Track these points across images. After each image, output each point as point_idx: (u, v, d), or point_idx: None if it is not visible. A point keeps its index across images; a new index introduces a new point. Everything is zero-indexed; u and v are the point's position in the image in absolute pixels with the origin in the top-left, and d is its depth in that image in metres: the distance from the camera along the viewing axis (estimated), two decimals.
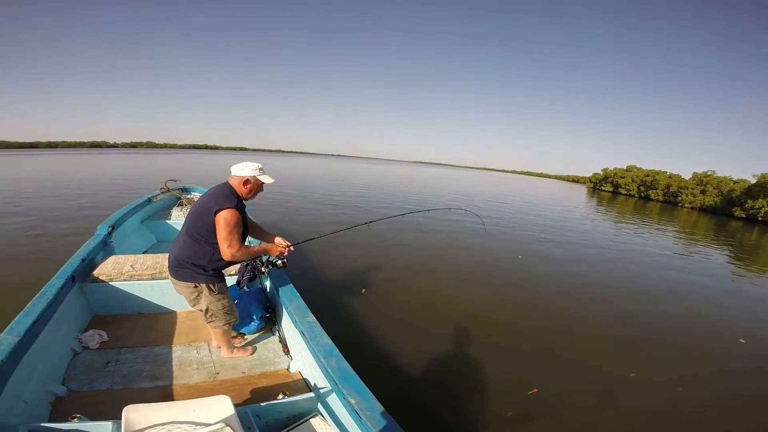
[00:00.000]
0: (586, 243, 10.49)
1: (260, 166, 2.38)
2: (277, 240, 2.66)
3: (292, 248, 2.66)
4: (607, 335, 4.58)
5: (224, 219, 2.17)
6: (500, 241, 9.59)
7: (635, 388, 3.47)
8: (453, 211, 14.90)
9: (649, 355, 4.17)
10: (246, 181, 2.33)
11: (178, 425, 1.50)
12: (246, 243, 2.48)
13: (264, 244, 2.59)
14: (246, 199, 2.42)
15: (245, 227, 2.41)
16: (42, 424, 1.58)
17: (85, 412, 1.79)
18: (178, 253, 2.31)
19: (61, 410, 1.92)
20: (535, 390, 3.22)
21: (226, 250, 2.19)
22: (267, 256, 2.70)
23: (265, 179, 2.40)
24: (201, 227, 2.24)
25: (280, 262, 2.67)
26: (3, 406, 1.65)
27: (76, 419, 1.67)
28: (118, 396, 2.09)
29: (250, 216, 2.66)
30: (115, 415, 1.53)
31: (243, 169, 2.33)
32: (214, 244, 2.24)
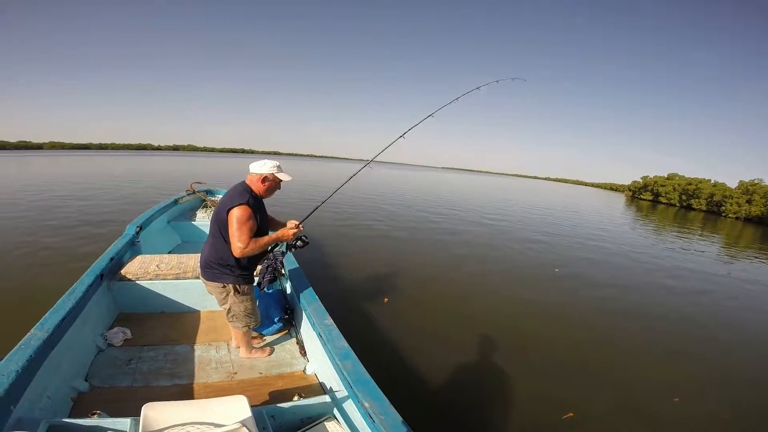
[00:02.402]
0: (628, 256, 9.81)
1: (278, 163, 2.38)
2: (288, 224, 2.58)
3: (302, 226, 2.59)
4: (649, 356, 4.26)
5: (235, 215, 2.18)
6: (535, 252, 9.18)
7: (679, 415, 3.22)
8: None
9: (693, 378, 3.88)
10: (264, 179, 2.34)
11: (196, 424, 1.50)
12: None
13: (275, 233, 2.51)
14: (264, 197, 2.42)
15: (262, 224, 2.40)
16: (63, 420, 1.61)
17: (105, 408, 1.82)
18: (206, 255, 2.37)
19: (82, 406, 1.97)
20: (571, 414, 2.99)
21: (236, 246, 2.20)
22: (284, 243, 2.63)
23: (283, 177, 2.41)
24: (220, 227, 2.28)
25: (299, 242, 2.60)
26: (28, 400, 1.69)
27: (96, 416, 1.70)
28: (138, 393, 2.13)
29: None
30: (135, 413, 1.55)
31: (261, 167, 2.34)
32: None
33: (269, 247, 2.60)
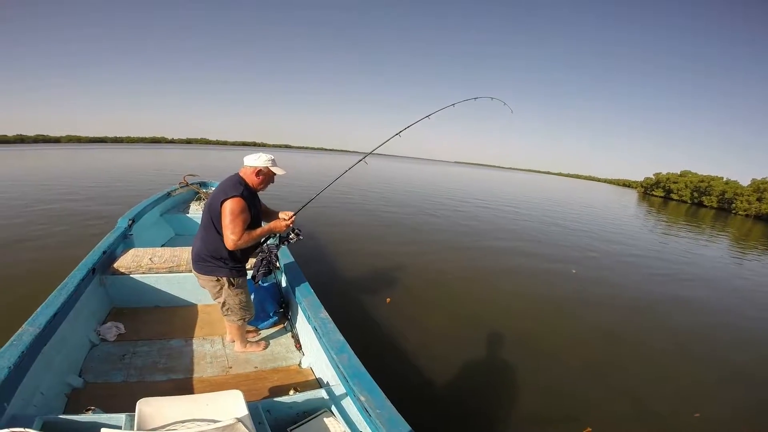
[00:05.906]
0: (648, 256, 9.37)
1: (273, 157, 2.38)
2: (281, 215, 2.57)
3: (294, 218, 2.56)
4: (671, 367, 4.04)
5: (228, 207, 2.18)
6: (552, 249, 8.85)
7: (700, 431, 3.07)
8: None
9: (713, 391, 3.69)
10: (258, 172, 2.34)
11: (191, 419, 1.50)
12: None
13: (267, 225, 2.49)
14: (258, 190, 2.42)
15: (256, 216, 2.39)
16: (58, 416, 1.61)
17: (100, 404, 1.82)
18: (199, 248, 2.35)
19: (76, 402, 1.96)
20: (589, 429, 2.83)
21: (229, 238, 2.19)
22: (278, 235, 2.60)
23: (277, 170, 2.41)
24: (213, 219, 2.27)
25: (292, 235, 2.59)
26: (21, 397, 1.68)
27: (90, 411, 1.69)
28: (132, 388, 2.12)
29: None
30: (129, 408, 1.54)
31: (256, 160, 2.33)
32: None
33: (262, 240, 2.58)
